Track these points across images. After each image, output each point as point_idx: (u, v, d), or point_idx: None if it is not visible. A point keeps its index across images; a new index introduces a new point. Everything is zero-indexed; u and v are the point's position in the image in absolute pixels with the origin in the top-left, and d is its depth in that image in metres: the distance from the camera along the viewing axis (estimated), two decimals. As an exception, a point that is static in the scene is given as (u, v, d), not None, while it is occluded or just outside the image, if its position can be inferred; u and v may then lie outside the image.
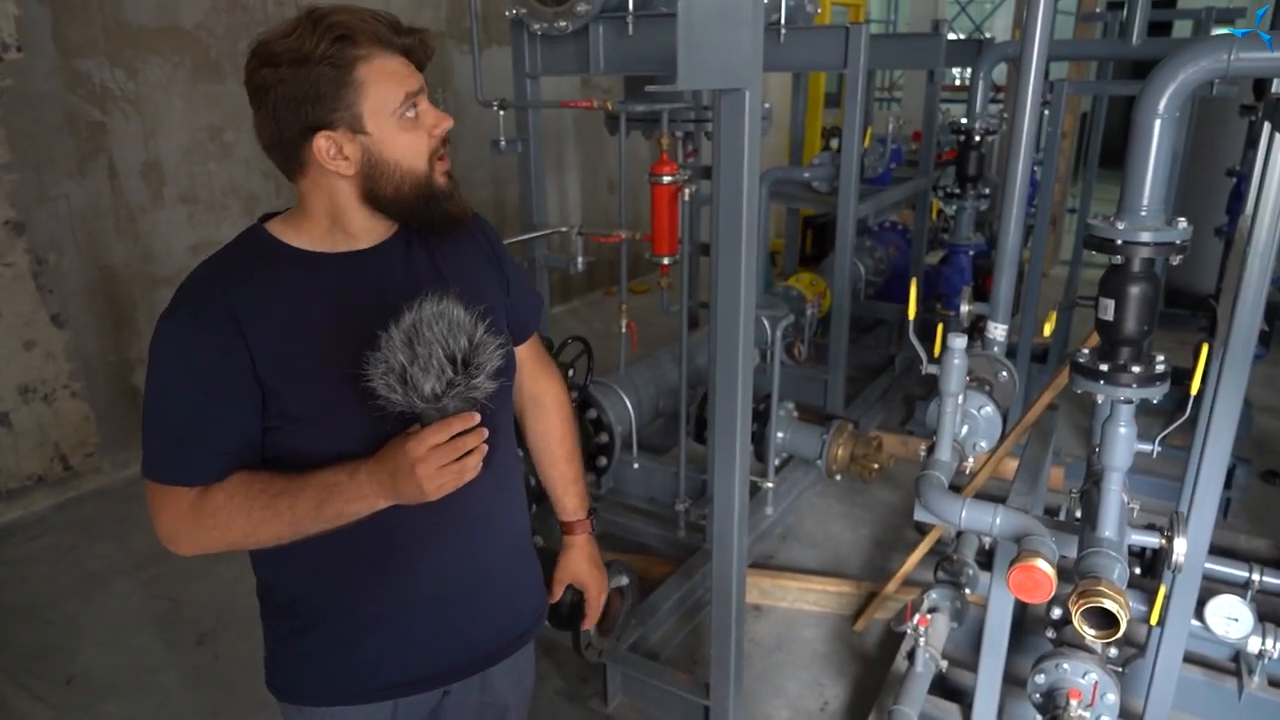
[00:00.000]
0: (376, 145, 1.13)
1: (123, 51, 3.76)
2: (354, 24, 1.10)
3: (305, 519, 1.12)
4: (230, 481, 1.14)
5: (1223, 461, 1.70)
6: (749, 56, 1.65)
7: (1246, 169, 4.35)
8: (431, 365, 1.03)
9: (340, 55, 1.08)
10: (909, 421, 4.39)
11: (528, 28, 2.59)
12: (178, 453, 1.14)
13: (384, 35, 1.12)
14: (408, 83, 1.14)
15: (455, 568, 1.29)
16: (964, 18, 10.66)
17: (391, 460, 1.09)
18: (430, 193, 1.18)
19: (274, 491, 1.12)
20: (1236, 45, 1.48)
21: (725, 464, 1.97)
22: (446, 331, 1.05)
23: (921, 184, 4.40)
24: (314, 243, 1.19)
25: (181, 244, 4.08)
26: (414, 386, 1.03)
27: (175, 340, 1.12)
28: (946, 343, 1.75)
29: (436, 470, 1.08)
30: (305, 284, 1.17)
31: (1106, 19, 5.21)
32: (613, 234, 2.86)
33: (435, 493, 1.10)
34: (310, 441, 1.16)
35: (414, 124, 1.15)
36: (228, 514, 1.13)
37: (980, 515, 1.62)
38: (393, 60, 1.13)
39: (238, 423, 1.13)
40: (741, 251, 1.76)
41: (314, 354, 1.15)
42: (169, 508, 1.15)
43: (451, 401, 1.06)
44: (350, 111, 1.10)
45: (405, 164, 1.15)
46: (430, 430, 1.07)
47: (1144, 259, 1.54)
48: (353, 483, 1.11)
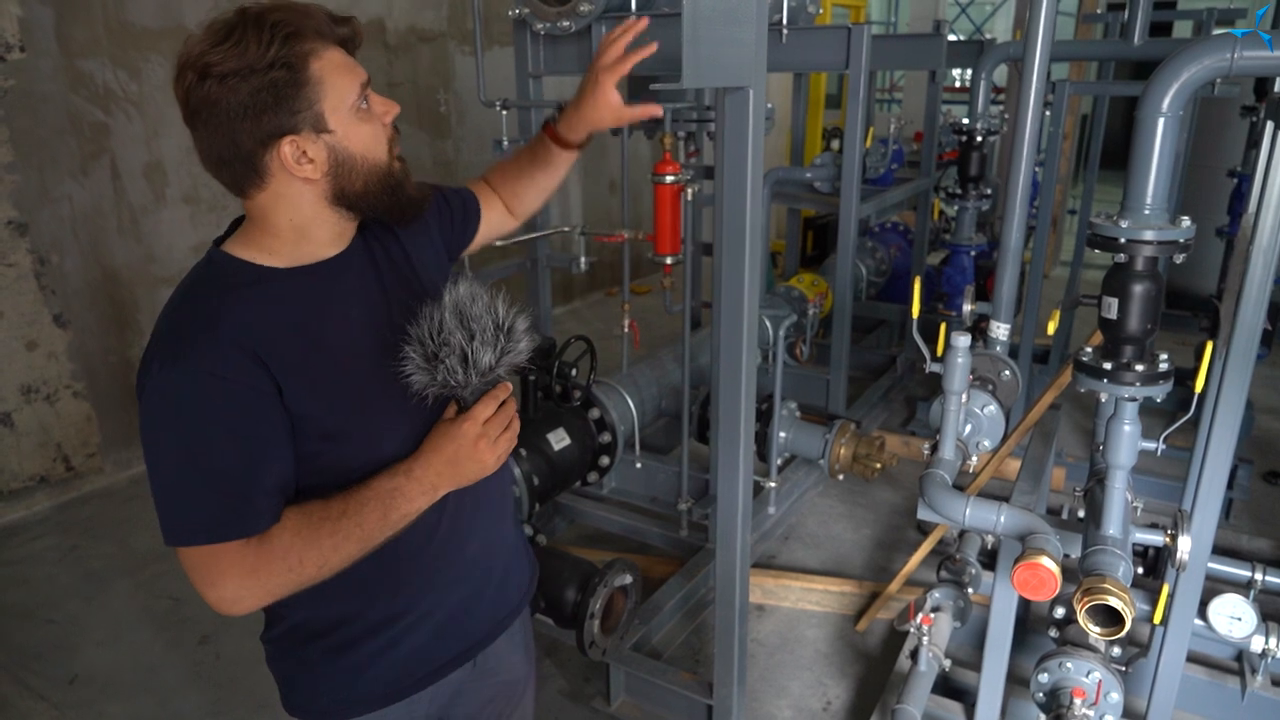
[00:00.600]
0: (341, 142, 1.08)
1: (125, 52, 3.77)
2: (297, 20, 1.03)
3: (374, 532, 1.10)
4: (288, 519, 1.08)
5: (1225, 460, 1.71)
6: (753, 55, 1.65)
7: (1248, 170, 4.35)
8: (488, 338, 1.08)
9: (292, 55, 1.02)
10: (911, 422, 4.39)
11: (531, 27, 2.59)
12: (230, 506, 1.05)
13: (324, 28, 1.07)
14: (358, 73, 1.10)
15: (482, 541, 1.32)
16: (964, 19, 10.66)
17: (450, 445, 1.12)
18: (393, 181, 1.15)
19: (335, 515, 1.08)
20: (1240, 44, 1.48)
21: (729, 463, 1.97)
22: (485, 307, 1.09)
23: (923, 184, 4.40)
24: (284, 259, 1.12)
25: (184, 244, 4.08)
26: (474, 364, 1.07)
27: (190, 386, 1.02)
28: (950, 341, 1.76)
29: (494, 442, 1.13)
30: (299, 298, 1.12)
31: (1107, 20, 5.22)
32: (615, 234, 2.86)
33: (495, 464, 1.15)
34: (354, 454, 1.13)
35: (369, 115, 1.11)
36: (298, 553, 1.07)
37: (985, 513, 1.62)
38: (337, 52, 1.08)
39: (279, 457, 1.08)
40: (745, 250, 1.77)
41: (334, 367, 1.11)
42: (229, 568, 1.06)
43: (502, 370, 1.11)
44: (312, 111, 1.05)
45: (370, 156, 1.11)
46: (482, 405, 1.12)
47: (1147, 257, 1.54)
48: (411, 481, 1.12)
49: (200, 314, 1.06)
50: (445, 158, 5.50)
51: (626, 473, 3.30)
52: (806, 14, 3.62)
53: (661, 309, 3.24)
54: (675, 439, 3.51)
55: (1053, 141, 4.14)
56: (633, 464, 3.18)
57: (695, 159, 3.36)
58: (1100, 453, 1.67)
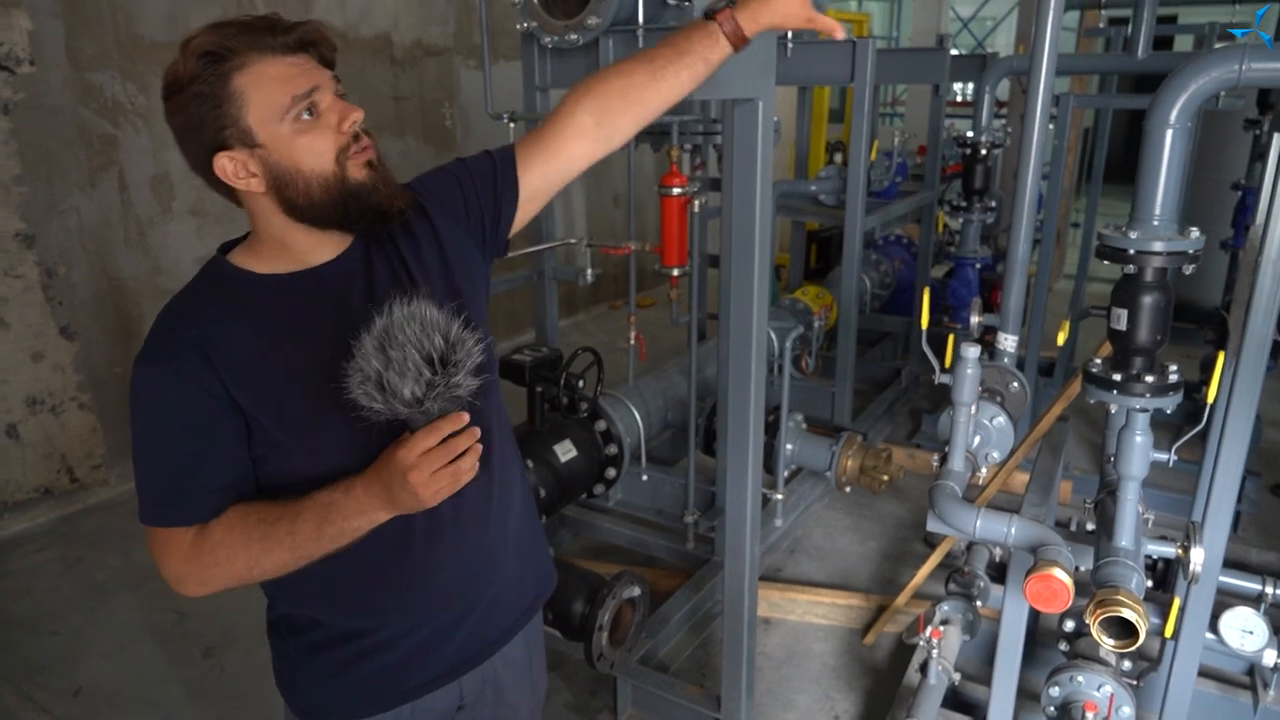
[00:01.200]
0: (273, 155, 1.08)
1: (134, 65, 3.79)
2: (218, 38, 1.05)
3: (307, 543, 1.11)
4: (227, 516, 1.14)
5: (1236, 472, 1.70)
6: (762, 67, 1.66)
7: (1252, 182, 4.36)
8: (408, 368, 1.00)
9: (211, 72, 1.04)
10: (916, 434, 4.38)
11: (538, 41, 2.60)
12: (172, 494, 1.13)
13: (257, 40, 1.07)
14: (294, 84, 1.08)
15: (463, 569, 1.29)
16: (966, 34, 10.72)
17: (385, 470, 1.07)
18: (346, 190, 1.12)
19: (271, 519, 1.11)
20: (1248, 55, 1.49)
21: (737, 475, 1.97)
22: (420, 332, 1.01)
23: (927, 197, 4.42)
24: (271, 266, 1.16)
25: (190, 256, 4.09)
26: (393, 392, 1.00)
27: (151, 382, 1.11)
28: (959, 352, 1.76)
29: (431, 476, 1.04)
30: (269, 308, 1.15)
31: (1109, 34, 5.24)
32: (621, 246, 2.86)
33: (432, 499, 1.07)
34: (302, 464, 1.15)
35: (312, 125, 1.09)
36: (228, 549, 1.12)
37: (995, 525, 1.62)
38: (275, 64, 1.07)
39: (226, 456, 1.13)
40: (754, 258, 1.77)
41: (289, 376, 1.13)
42: (172, 550, 1.15)
43: (435, 404, 1.02)
44: (237, 126, 1.06)
45: (308, 168, 1.09)
46: (419, 435, 1.04)
47: (1156, 268, 1.54)
48: (349, 499, 1.09)
49: (174, 316, 1.15)
50: (450, 171, 5.51)
51: (633, 485, 3.29)
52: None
53: (666, 321, 3.25)
54: (681, 451, 3.51)
55: (1057, 155, 4.15)
56: (639, 476, 3.18)
57: (701, 172, 3.37)
58: (1111, 464, 1.66)
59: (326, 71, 1.13)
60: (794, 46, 3.29)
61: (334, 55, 1.15)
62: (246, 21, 1.08)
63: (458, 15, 5.40)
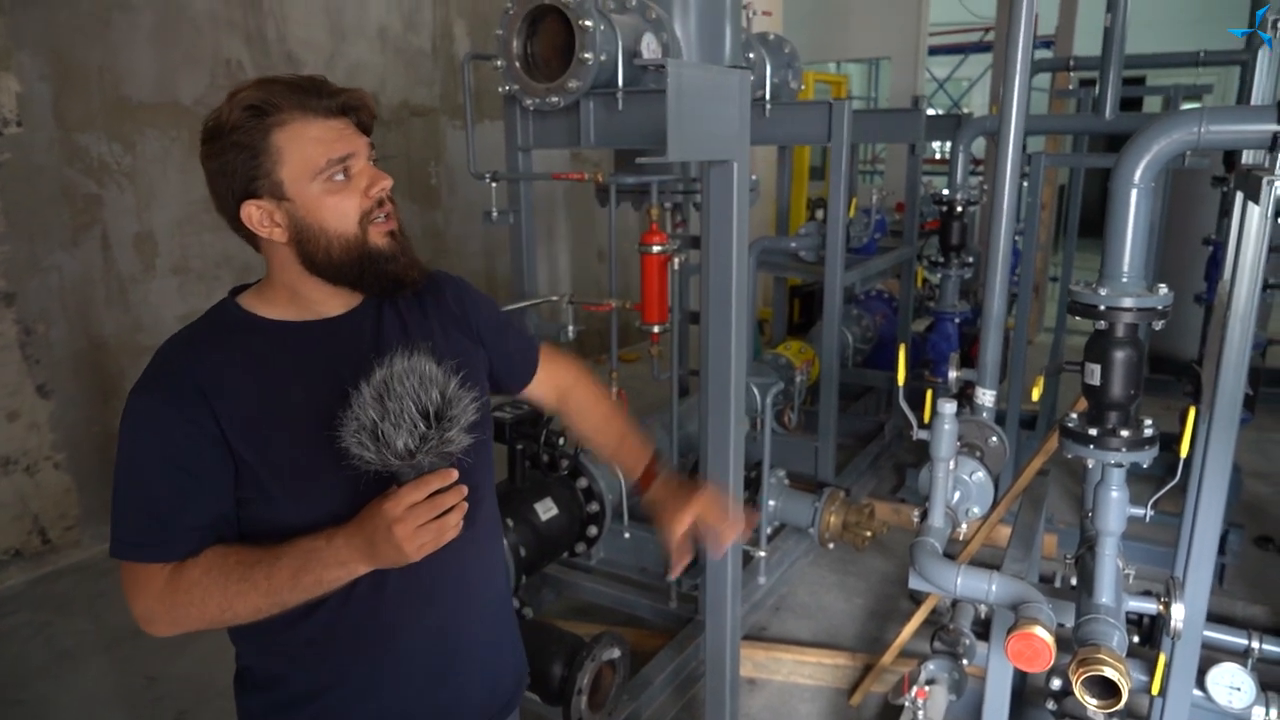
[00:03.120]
0: (300, 210, 1.12)
1: (121, 126, 3.83)
2: (266, 93, 1.10)
3: (283, 589, 1.09)
4: (205, 556, 1.12)
5: (1216, 525, 1.70)
6: (736, 130, 1.70)
7: (1222, 237, 4.45)
8: (403, 420, 1.01)
9: (253, 125, 1.09)
10: (900, 489, 4.37)
11: (520, 103, 2.66)
12: (152, 530, 1.12)
13: (303, 100, 1.12)
14: (332, 148, 1.12)
15: (437, 635, 1.26)
16: (942, 94, 11.01)
17: (369, 522, 1.07)
18: (364, 254, 1.16)
19: (250, 562, 1.10)
20: (1206, 118, 1.53)
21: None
22: (418, 386, 1.03)
23: (906, 253, 4.48)
24: (280, 312, 1.19)
25: (171, 314, 4.09)
26: (387, 443, 1.01)
27: (146, 416, 1.11)
28: (937, 408, 1.77)
29: (415, 530, 1.04)
30: (272, 354, 1.16)
31: (1079, 95, 5.39)
32: (603, 303, 2.88)
33: (415, 554, 1.06)
34: (287, 511, 1.14)
35: (342, 186, 1.14)
36: (203, 589, 1.10)
37: (976, 583, 1.61)
38: (316, 125, 1.12)
39: (212, 497, 1.12)
40: (732, 317, 1.78)
41: (284, 423, 1.14)
42: (144, 587, 1.12)
43: (426, 458, 1.03)
44: (270, 179, 1.11)
45: (331, 227, 1.13)
46: (407, 488, 1.04)
47: (1127, 324, 1.56)
48: (330, 548, 1.09)
49: (177, 352, 1.15)
50: (436, 228, 5.57)
51: (615, 543, 3.25)
52: (789, 90, 3.73)
53: (647, 377, 3.25)
54: (664, 508, 3.48)
55: (1031, 211, 4.23)
56: (621, 534, 3.14)
57: (682, 229, 3.41)
58: (1090, 519, 1.66)
59: (364, 138, 1.18)
60: (772, 107, 3.37)
61: (373, 121, 1.20)
62: (294, 81, 1.13)
63: (443, 77, 5.51)
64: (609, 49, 2.48)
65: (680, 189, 3.10)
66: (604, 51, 2.46)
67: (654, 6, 2.77)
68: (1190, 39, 5.33)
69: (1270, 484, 4.42)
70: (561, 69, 2.55)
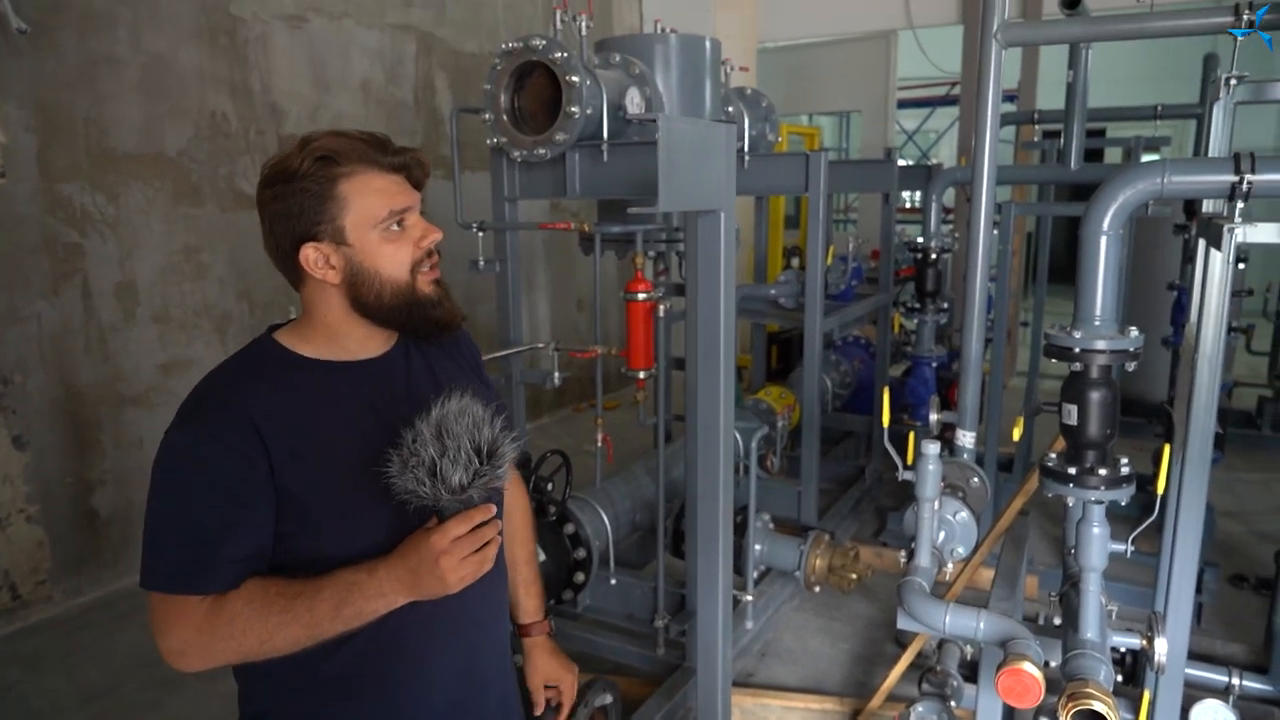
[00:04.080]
0: (358, 256, 1.20)
1: (105, 176, 3.85)
2: (337, 145, 1.18)
3: (324, 620, 1.11)
4: (246, 588, 1.14)
5: (1194, 558, 1.75)
6: (723, 181, 1.76)
7: (1185, 283, 4.59)
8: (460, 457, 1.07)
9: (322, 173, 1.17)
10: (882, 533, 4.40)
11: (508, 155, 2.72)
12: (195, 561, 1.13)
13: (369, 155, 1.20)
14: (394, 200, 1.21)
15: (461, 667, 1.29)
16: (911, 145, 11.31)
17: (414, 554, 1.11)
18: (414, 299, 1.24)
19: (291, 594, 1.12)
20: (1168, 169, 1.62)
21: (708, 573, 1.97)
22: (471, 425, 1.09)
23: (883, 299, 4.57)
24: (318, 351, 1.24)
25: (151, 363, 4.06)
26: (443, 479, 1.06)
27: (194, 447, 1.14)
28: (920, 449, 1.81)
29: (460, 561, 1.10)
30: (315, 390, 1.21)
31: (1044, 146, 5.57)
32: (589, 349, 2.92)
33: (457, 585, 1.12)
34: (330, 544, 1.17)
35: (398, 236, 1.22)
36: (245, 621, 1.12)
37: (964, 620, 1.63)
38: (380, 178, 1.20)
39: (256, 529, 1.15)
40: (720, 361, 1.82)
41: (330, 458, 1.18)
42: (181, 620, 1.13)
43: (476, 492, 1.09)
44: (333, 224, 1.18)
45: (385, 273, 1.21)
46: (454, 522, 1.10)
47: (1101, 366, 1.62)
48: (372, 580, 1.12)
49: (222, 384, 1.20)
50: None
51: (601, 590, 3.24)
52: (766, 142, 3.84)
53: (631, 424, 3.28)
54: (649, 554, 3.48)
55: (1003, 258, 4.35)
56: (607, 580, 3.14)
57: (665, 277, 3.47)
58: (1072, 556, 1.70)
59: (417, 194, 1.26)
60: (751, 159, 3.47)
61: (426, 179, 1.28)
62: (363, 136, 1.21)
63: (425, 128, 5.59)
64: (594, 103, 2.55)
65: (663, 238, 3.16)
66: (590, 105, 2.53)
67: (637, 62, 2.86)
68: (1148, 94, 5.55)
69: (1242, 523, 4.50)
70: (547, 122, 2.62)
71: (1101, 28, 2.62)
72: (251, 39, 4.39)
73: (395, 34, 5.27)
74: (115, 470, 3.92)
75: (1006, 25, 2.28)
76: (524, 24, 6.22)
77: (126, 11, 3.86)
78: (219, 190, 4.27)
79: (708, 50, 3.06)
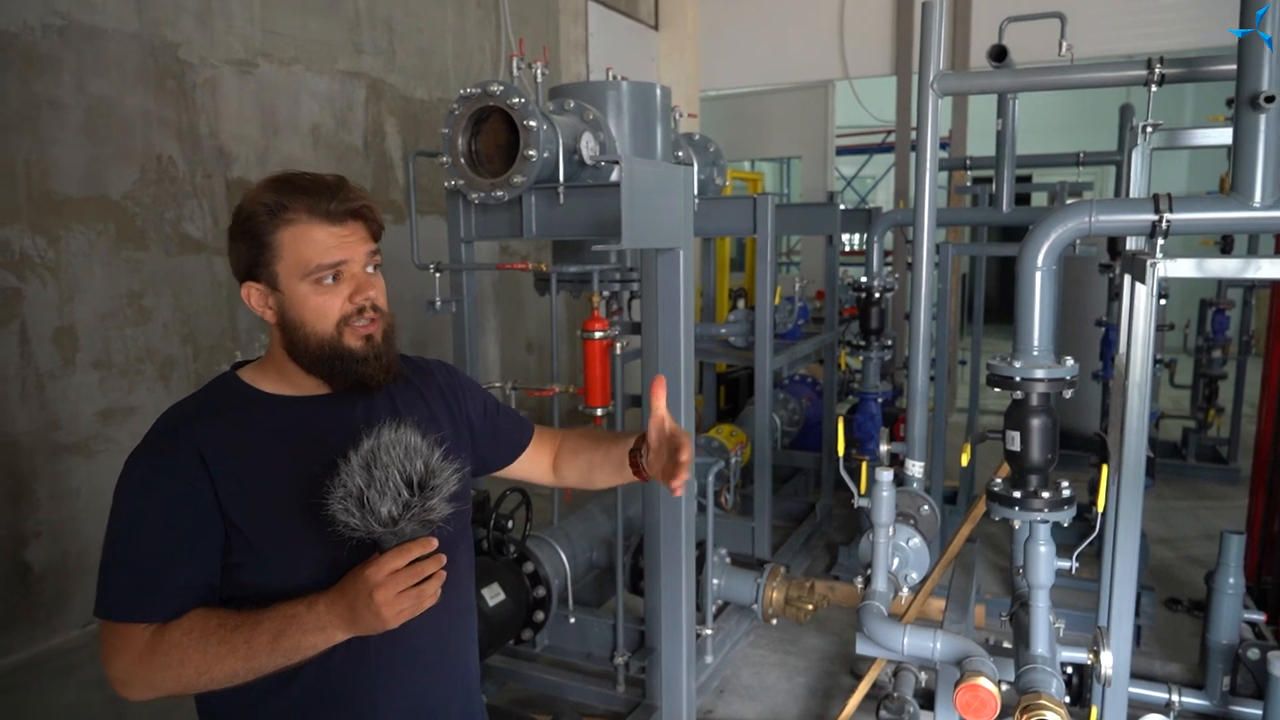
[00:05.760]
0: (287, 303, 1.21)
1: (45, 220, 3.77)
2: (281, 195, 1.19)
3: (261, 653, 1.11)
4: (187, 618, 1.14)
5: (1132, 575, 1.83)
6: (682, 219, 1.83)
7: (1112, 319, 4.82)
8: (388, 488, 1.06)
9: (265, 218, 1.19)
10: (834, 567, 4.46)
11: (465, 196, 2.76)
12: (139, 589, 1.14)
13: (315, 204, 1.20)
14: (326, 254, 1.20)
15: (417, 704, 1.27)
16: (850, 190, 11.68)
17: (351, 589, 1.10)
18: (337, 354, 1.22)
19: (231, 626, 1.12)
20: (1095, 209, 1.74)
21: (671, 607, 1.99)
22: (403, 456, 1.09)
23: (828, 338, 4.70)
24: (276, 386, 1.26)
25: (90, 410, 3.95)
26: (371, 510, 1.05)
27: (144, 479, 1.16)
28: (874, 477, 1.88)
29: (395, 596, 1.07)
30: (268, 424, 1.22)
31: (976, 190, 5.83)
32: (546, 388, 2.94)
33: (394, 620, 1.09)
34: (273, 577, 1.17)
35: (329, 289, 1.21)
36: (183, 651, 1.11)
37: (922, 641, 1.69)
38: (320, 229, 1.20)
39: (202, 560, 1.15)
40: (681, 395, 1.87)
41: (276, 491, 1.18)
42: (125, 648, 1.14)
43: (409, 525, 1.08)
44: (268, 269, 1.21)
45: (309, 325, 1.21)
46: (389, 555, 1.08)
47: (1041, 393, 1.72)
48: (311, 614, 1.11)
49: (176, 417, 1.21)
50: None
51: (560, 629, 3.23)
52: (715, 185, 3.96)
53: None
54: (607, 592, 3.48)
55: (942, 297, 4.52)
56: (566, 619, 3.13)
57: (619, 316, 3.53)
58: (1021, 576, 1.77)
59: (366, 245, 1.24)
60: (700, 202, 3.57)
61: (380, 230, 1.28)
62: (312, 183, 1.21)
63: (375, 172, 5.61)
64: (551, 147, 2.62)
65: (618, 278, 3.22)
66: (546, 149, 2.59)
67: (591, 108, 2.95)
68: (1071, 143, 5.87)
69: (1174, 548, 4.69)
70: (504, 165, 2.67)
71: (1027, 79, 2.79)
72: (200, 83, 4.38)
73: (345, 80, 5.31)
74: (50, 522, 3.77)
75: (942, 76, 2.42)
76: (474, 72, 6.32)
77: (71, 55, 3.83)
78: (164, 234, 4.22)
79: (658, 97, 3.17)
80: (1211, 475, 5.93)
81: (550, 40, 6.98)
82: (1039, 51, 3.55)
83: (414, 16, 5.82)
